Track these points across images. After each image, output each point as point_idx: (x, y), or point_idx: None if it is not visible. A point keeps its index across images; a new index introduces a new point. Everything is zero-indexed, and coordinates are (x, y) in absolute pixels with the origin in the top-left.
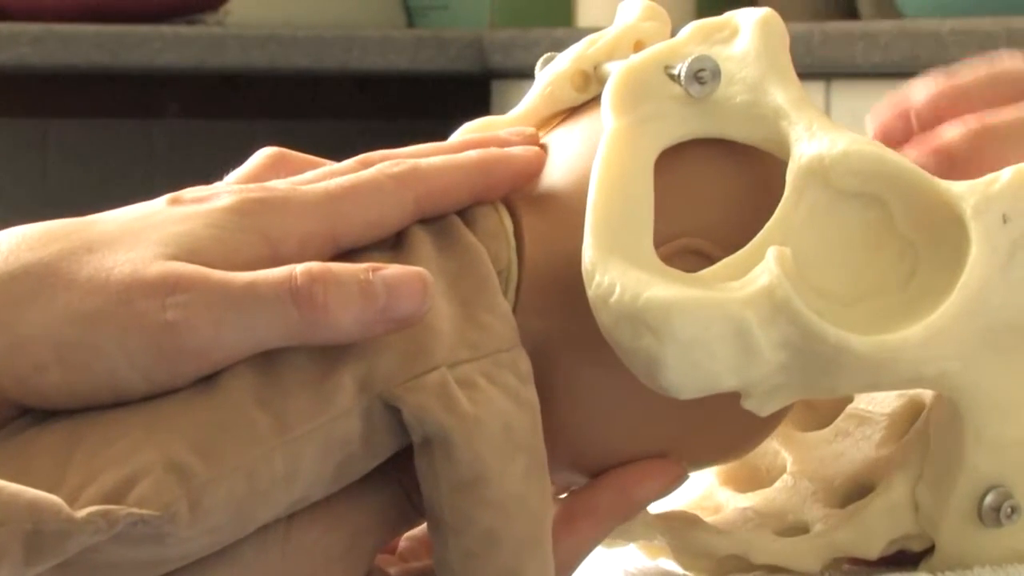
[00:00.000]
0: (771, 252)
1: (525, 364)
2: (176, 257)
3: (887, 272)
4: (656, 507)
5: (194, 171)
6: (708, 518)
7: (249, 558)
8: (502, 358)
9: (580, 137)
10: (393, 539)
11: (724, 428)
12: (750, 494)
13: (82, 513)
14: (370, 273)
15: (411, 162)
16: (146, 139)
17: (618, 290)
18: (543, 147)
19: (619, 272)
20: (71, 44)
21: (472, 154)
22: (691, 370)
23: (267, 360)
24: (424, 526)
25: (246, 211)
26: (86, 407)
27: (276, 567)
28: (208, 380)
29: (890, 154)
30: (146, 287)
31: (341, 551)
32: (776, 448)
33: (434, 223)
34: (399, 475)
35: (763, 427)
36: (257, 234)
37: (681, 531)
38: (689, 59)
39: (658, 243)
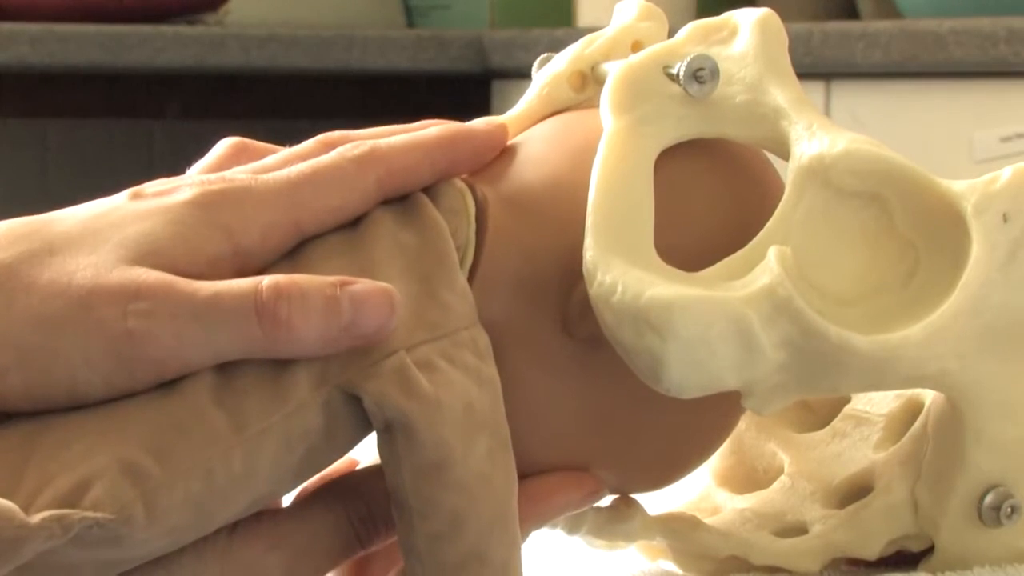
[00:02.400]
0: (772, 251)
1: (484, 341)
2: (138, 260)
3: (888, 271)
4: (655, 508)
5: None
6: (706, 519)
7: (187, 569)
8: (461, 336)
9: (553, 132)
10: (334, 567)
11: (652, 452)
12: (748, 495)
13: (36, 519)
14: (337, 289)
15: (371, 143)
16: (146, 139)
17: (620, 289)
18: (514, 145)
19: (620, 271)
20: (71, 44)
21: (432, 131)
22: (693, 369)
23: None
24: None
25: (207, 204)
26: (45, 410)
27: None
28: (167, 382)
29: (891, 153)
30: (107, 293)
31: (280, 572)
32: (774, 449)
33: (398, 200)
34: (345, 503)
35: (696, 458)
36: (219, 228)
37: (681, 532)
38: (688, 59)
39: None
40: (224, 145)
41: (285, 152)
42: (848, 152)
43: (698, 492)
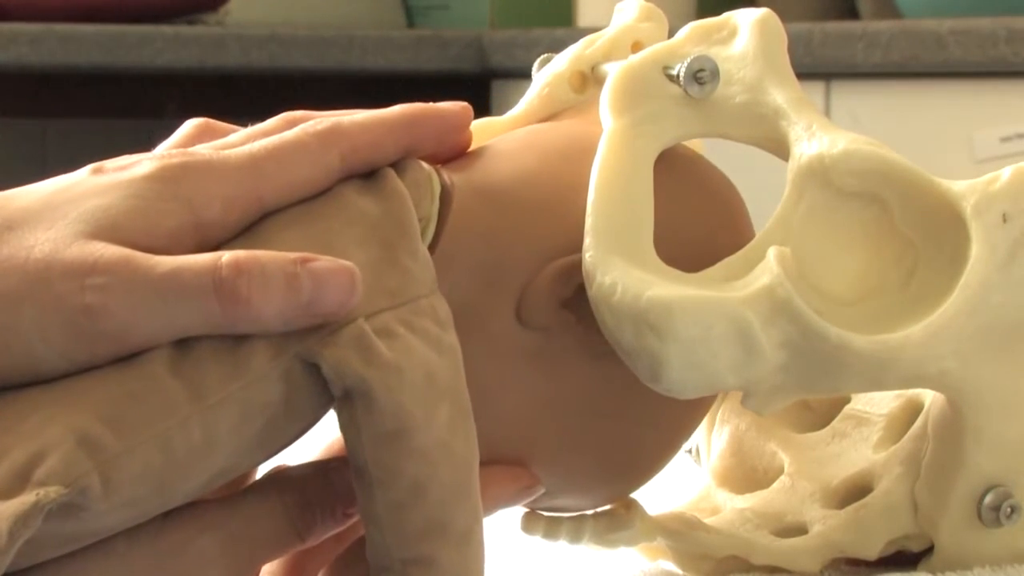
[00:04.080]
0: (772, 252)
1: (444, 309)
2: (96, 235)
3: (887, 271)
4: (655, 508)
5: None
6: (706, 519)
7: (121, 551)
8: (421, 304)
9: (526, 134)
10: (273, 557)
11: (592, 457)
12: (748, 495)
13: (3, 532)
14: (298, 266)
15: (334, 120)
16: (146, 139)
17: (619, 290)
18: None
19: (620, 272)
20: (70, 44)
21: (396, 108)
22: (693, 369)
23: None
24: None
25: (167, 177)
26: (3, 386)
27: (146, 562)
28: (126, 356)
29: (890, 154)
30: (65, 268)
31: (214, 555)
32: (773, 449)
33: (363, 175)
34: (281, 492)
35: (634, 475)
36: (179, 201)
37: (681, 532)
38: (688, 59)
39: (574, 250)
40: (189, 125)
41: (249, 129)
42: (848, 152)
43: (698, 492)
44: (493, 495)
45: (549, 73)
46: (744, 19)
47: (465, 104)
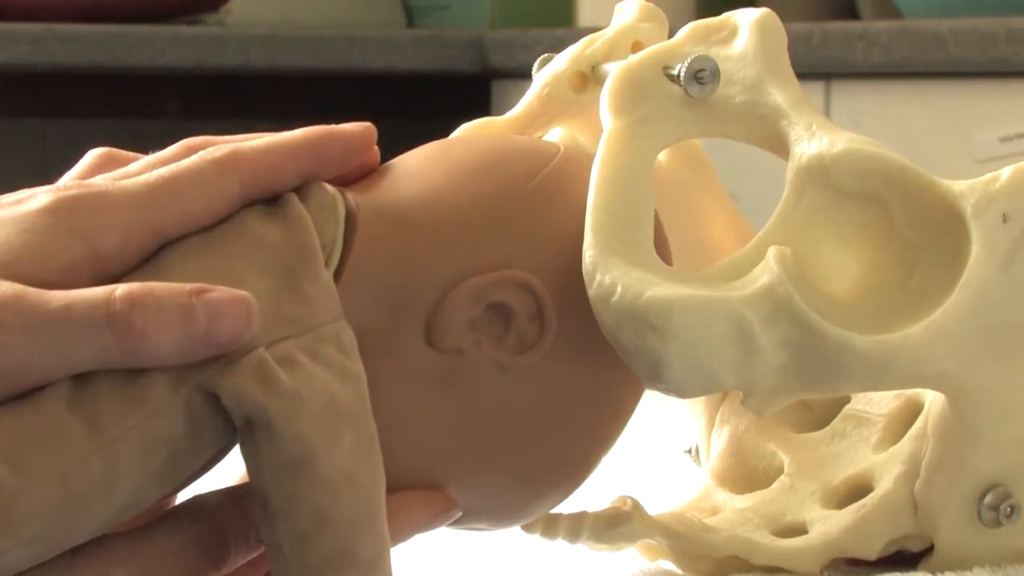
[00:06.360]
0: (772, 251)
1: (349, 336)
2: None
3: (887, 271)
4: (655, 508)
5: None
6: (706, 519)
7: None
8: (324, 331)
9: (433, 150)
10: None
11: (509, 476)
12: (748, 495)
13: None
14: (193, 297)
15: (232, 145)
16: (146, 139)
17: (619, 290)
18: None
19: (620, 272)
20: (70, 44)
21: (298, 132)
22: (693, 369)
23: None
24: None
25: (61, 210)
26: None
27: None
28: (22, 394)
29: (890, 154)
30: None
31: None
32: (773, 449)
33: (265, 201)
34: (193, 522)
35: (553, 491)
36: (74, 234)
37: (680, 532)
38: (688, 59)
39: (483, 270)
40: (92, 155)
41: (148, 158)
42: (847, 152)
43: (698, 492)
44: (407, 520)
45: (549, 73)
46: (744, 19)
47: (368, 124)
